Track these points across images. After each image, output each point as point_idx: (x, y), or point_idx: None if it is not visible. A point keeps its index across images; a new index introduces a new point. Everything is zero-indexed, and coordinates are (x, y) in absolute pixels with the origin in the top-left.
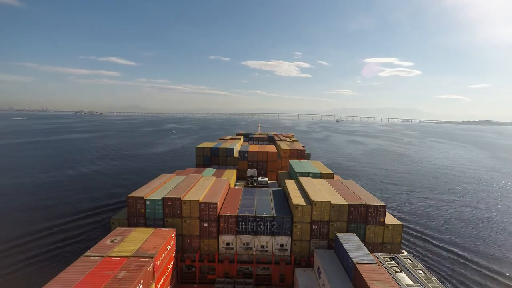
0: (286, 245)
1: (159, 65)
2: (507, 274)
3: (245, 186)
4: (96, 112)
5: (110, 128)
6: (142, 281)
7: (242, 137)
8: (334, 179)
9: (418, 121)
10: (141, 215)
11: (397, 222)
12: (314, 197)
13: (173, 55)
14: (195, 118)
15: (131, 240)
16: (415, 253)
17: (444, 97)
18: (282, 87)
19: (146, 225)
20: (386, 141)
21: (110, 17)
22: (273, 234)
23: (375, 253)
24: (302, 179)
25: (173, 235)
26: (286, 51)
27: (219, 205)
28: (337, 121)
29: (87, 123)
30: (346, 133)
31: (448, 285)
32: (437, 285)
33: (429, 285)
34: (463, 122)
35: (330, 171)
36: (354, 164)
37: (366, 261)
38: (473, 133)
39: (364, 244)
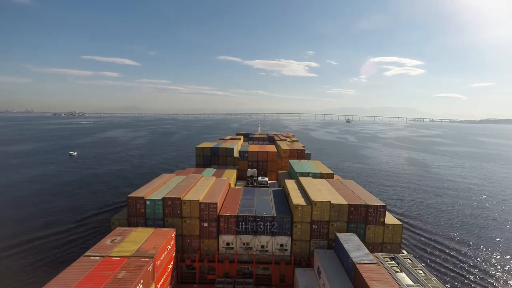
0: (286, 245)
1: (161, 65)
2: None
3: (245, 186)
4: (77, 114)
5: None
6: (142, 281)
7: (242, 137)
8: (334, 179)
9: (429, 120)
10: (141, 215)
11: (397, 222)
12: (314, 197)
13: (176, 54)
14: (180, 119)
15: (131, 240)
16: (415, 253)
17: (443, 95)
18: (286, 87)
19: (146, 225)
20: None
21: (113, 16)
22: (273, 234)
23: (375, 253)
24: (302, 179)
25: (173, 235)
26: (296, 50)
27: (219, 205)
28: (348, 121)
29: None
30: (418, 149)
31: (448, 285)
32: (437, 285)
33: (429, 285)
34: (481, 121)
35: (330, 171)
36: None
37: (366, 261)
38: None
39: (364, 244)
